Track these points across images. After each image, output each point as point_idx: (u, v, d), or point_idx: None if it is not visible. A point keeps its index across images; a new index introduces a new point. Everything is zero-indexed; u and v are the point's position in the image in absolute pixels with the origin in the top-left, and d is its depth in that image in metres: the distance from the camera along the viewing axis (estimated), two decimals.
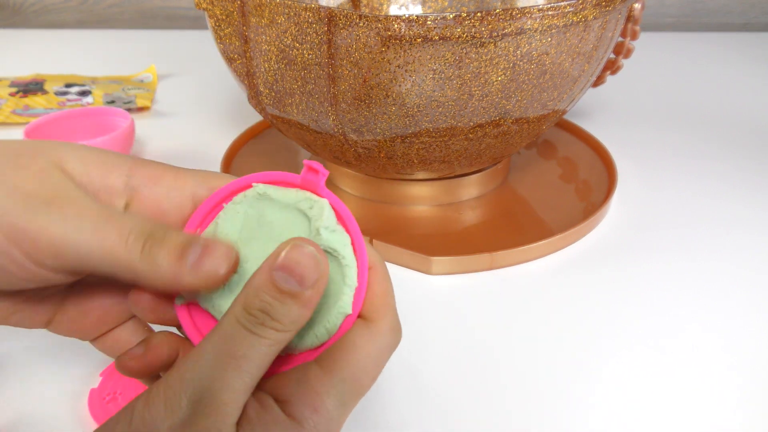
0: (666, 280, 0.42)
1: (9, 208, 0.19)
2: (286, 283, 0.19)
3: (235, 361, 0.19)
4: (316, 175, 0.22)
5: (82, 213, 0.20)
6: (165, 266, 0.20)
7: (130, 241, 0.20)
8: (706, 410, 0.32)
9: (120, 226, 0.20)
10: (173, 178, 0.23)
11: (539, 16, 0.36)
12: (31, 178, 0.20)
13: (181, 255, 0.20)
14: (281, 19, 0.38)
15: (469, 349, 0.36)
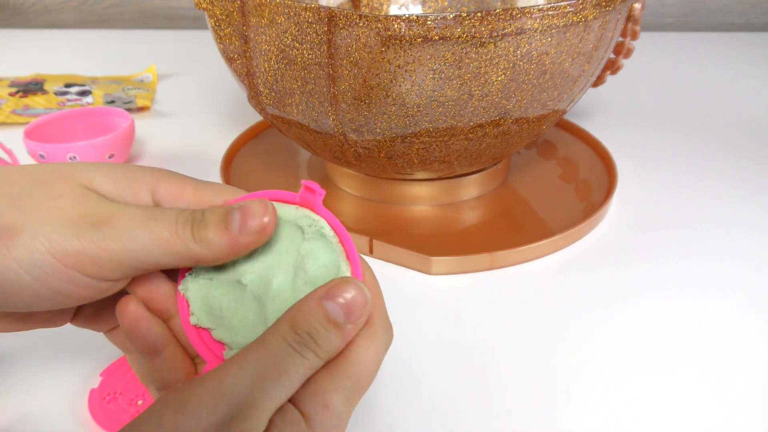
0: (666, 280, 0.42)
1: (59, 238, 0.20)
2: (335, 313, 0.21)
3: (278, 374, 0.20)
4: (313, 194, 0.23)
5: (130, 222, 0.21)
6: (218, 240, 0.21)
7: (180, 232, 0.21)
8: (707, 410, 0.32)
9: (166, 222, 0.21)
10: (193, 192, 0.24)
11: (539, 16, 0.36)
12: (70, 205, 0.21)
13: (226, 225, 0.21)
14: (281, 19, 0.38)
15: (469, 349, 0.36)
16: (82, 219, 0.21)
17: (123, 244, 0.21)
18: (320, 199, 0.23)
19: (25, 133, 0.52)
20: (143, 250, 0.21)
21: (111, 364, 0.34)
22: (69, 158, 0.50)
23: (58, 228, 0.20)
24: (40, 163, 0.25)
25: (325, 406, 0.21)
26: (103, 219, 0.21)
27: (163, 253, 0.21)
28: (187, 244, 0.21)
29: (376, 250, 0.44)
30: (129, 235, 0.21)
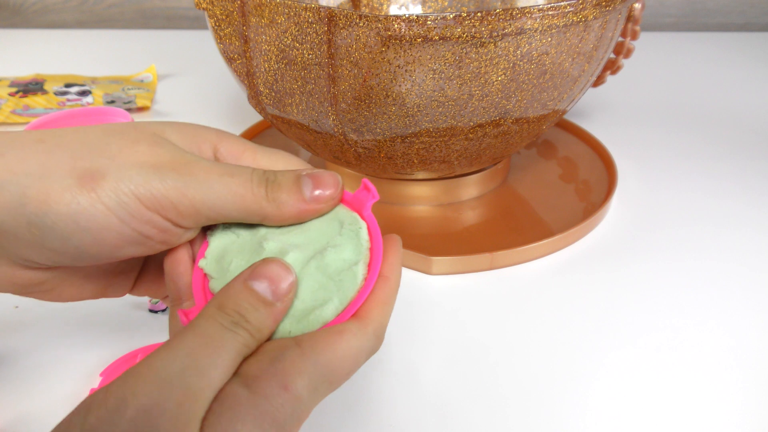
0: (666, 280, 0.42)
1: (143, 181, 0.21)
2: (262, 291, 0.21)
3: (210, 350, 0.20)
4: (368, 194, 0.24)
5: (208, 174, 0.22)
6: (290, 202, 0.23)
7: (255, 189, 0.23)
8: (707, 410, 0.32)
9: (243, 178, 0.23)
10: (252, 157, 0.25)
11: (539, 16, 0.36)
12: (149, 151, 0.22)
13: (299, 190, 0.23)
14: (281, 18, 0.38)
15: (469, 349, 0.36)
16: (163, 165, 0.22)
17: (202, 193, 0.22)
18: (371, 202, 0.24)
19: None
20: (219, 201, 0.22)
21: (111, 364, 0.34)
22: None
23: (141, 171, 0.21)
24: None
25: (284, 387, 0.20)
26: (182, 167, 0.22)
27: (236, 208, 0.22)
28: (260, 201, 0.22)
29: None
30: (208, 186, 0.22)
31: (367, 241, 0.24)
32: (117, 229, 0.21)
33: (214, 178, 0.22)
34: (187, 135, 0.24)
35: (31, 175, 0.21)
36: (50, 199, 0.21)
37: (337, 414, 0.32)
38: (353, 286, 0.23)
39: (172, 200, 0.22)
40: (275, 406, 0.20)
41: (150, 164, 0.22)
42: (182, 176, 0.22)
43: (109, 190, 0.21)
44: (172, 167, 0.22)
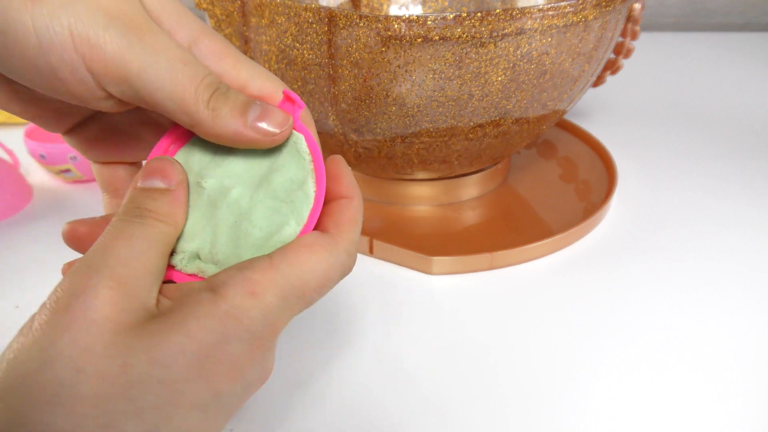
0: (666, 280, 0.42)
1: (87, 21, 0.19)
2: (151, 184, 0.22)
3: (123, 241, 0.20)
4: (293, 105, 0.23)
5: (161, 48, 0.20)
6: (228, 119, 0.21)
7: (200, 89, 0.21)
8: (707, 410, 0.32)
9: (194, 72, 0.20)
10: (233, 63, 0.23)
11: (539, 16, 0.36)
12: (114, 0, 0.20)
13: (243, 112, 0.21)
14: (281, 19, 0.38)
15: (469, 349, 0.36)
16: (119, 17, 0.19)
17: (142, 63, 0.20)
18: (299, 112, 0.23)
19: (25, 133, 0.52)
20: (156, 83, 0.20)
21: None
22: (69, 158, 0.50)
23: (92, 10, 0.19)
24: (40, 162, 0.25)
25: (252, 293, 0.20)
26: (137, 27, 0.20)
27: (171, 99, 0.20)
28: (199, 103, 0.21)
29: (376, 250, 0.44)
30: (152, 59, 0.20)
31: (308, 154, 0.23)
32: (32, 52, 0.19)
33: (164, 56, 0.20)
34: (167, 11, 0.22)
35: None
36: None
37: (337, 414, 0.32)
38: (307, 205, 0.22)
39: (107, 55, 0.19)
40: (240, 310, 0.19)
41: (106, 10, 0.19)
42: (130, 38, 0.19)
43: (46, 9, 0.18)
44: (127, 24, 0.19)
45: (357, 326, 0.38)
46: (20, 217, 0.49)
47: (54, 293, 0.19)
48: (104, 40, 0.19)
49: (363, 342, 0.37)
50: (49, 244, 0.46)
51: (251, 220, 0.22)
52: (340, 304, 0.40)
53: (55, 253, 0.45)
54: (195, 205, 0.23)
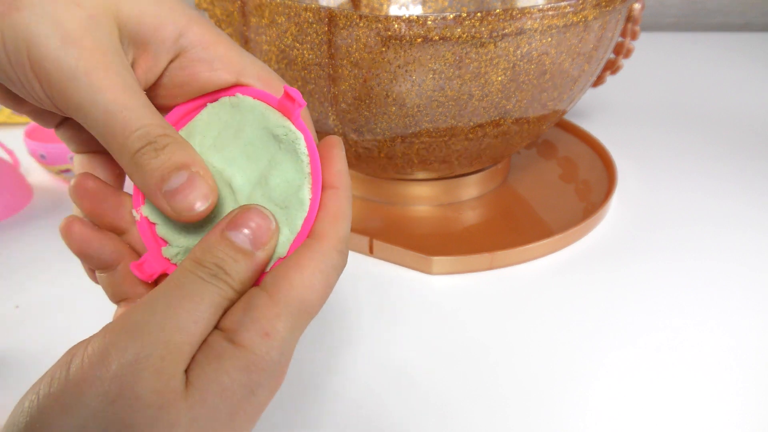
0: (666, 280, 0.42)
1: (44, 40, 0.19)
2: (241, 242, 0.20)
3: (190, 302, 0.19)
4: (293, 103, 0.22)
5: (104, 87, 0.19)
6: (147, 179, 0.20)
7: (131, 138, 0.20)
8: (707, 410, 0.32)
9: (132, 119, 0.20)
10: (224, 51, 0.22)
11: (539, 17, 0.36)
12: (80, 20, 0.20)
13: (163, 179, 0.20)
14: (281, 19, 0.38)
15: (469, 349, 0.36)
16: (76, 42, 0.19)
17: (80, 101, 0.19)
18: (299, 110, 0.22)
19: (26, 133, 0.52)
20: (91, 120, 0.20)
21: None
22: (69, 158, 0.50)
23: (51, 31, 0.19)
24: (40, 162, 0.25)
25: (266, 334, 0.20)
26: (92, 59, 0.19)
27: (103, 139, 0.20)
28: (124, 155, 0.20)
29: (376, 250, 0.44)
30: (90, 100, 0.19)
31: (307, 156, 0.22)
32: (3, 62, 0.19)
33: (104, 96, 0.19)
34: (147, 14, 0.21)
35: None
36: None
37: (337, 414, 0.32)
38: (301, 213, 0.22)
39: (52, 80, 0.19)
40: (260, 355, 0.19)
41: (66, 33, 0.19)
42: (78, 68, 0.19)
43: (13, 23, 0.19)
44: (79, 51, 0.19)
45: (357, 326, 0.38)
46: (20, 217, 0.49)
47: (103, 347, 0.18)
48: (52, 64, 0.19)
49: (363, 342, 0.37)
50: (49, 244, 0.46)
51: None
52: (341, 304, 0.40)
53: (55, 253, 0.45)
54: None
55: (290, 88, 0.22)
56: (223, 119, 0.23)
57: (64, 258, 0.44)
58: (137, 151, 0.20)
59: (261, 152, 0.22)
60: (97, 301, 0.40)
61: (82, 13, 0.20)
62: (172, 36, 0.22)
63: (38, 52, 0.19)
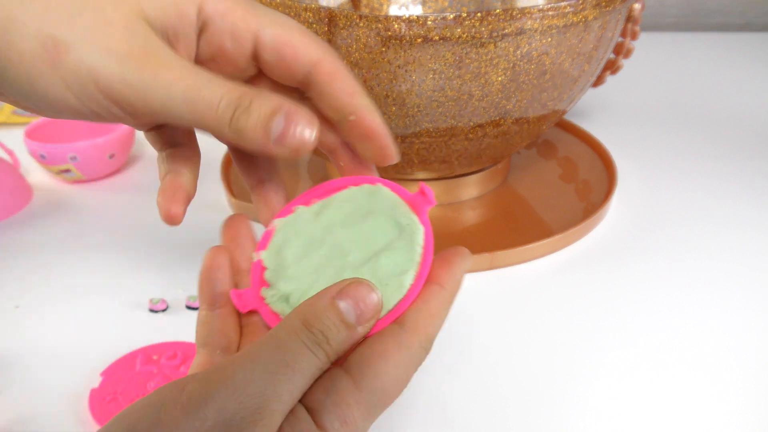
0: (666, 280, 0.42)
1: (104, 70, 0.20)
2: (347, 313, 0.20)
3: (290, 372, 0.19)
4: (425, 198, 0.24)
5: (174, 79, 0.20)
6: (251, 138, 0.21)
7: (219, 110, 0.21)
8: (707, 410, 0.32)
9: (210, 95, 0.20)
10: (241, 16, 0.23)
11: (539, 17, 0.36)
12: (120, 35, 0.20)
13: (266, 128, 0.21)
14: None
15: (469, 349, 0.36)
16: (130, 56, 0.20)
17: (161, 101, 0.20)
18: (428, 207, 0.24)
19: (26, 133, 0.52)
20: (178, 113, 0.21)
21: (111, 364, 0.34)
22: (69, 158, 0.50)
23: (106, 59, 0.20)
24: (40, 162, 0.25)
25: (344, 421, 0.20)
26: (149, 63, 0.20)
27: (196, 122, 0.21)
28: (222, 127, 0.21)
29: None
30: (169, 94, 0.20)
31: (421, 247, 0.23)
32: (73, 104, 0.21)
33: (179, 89, 0.20)
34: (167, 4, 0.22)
35: None
36: (11, 57, 0.19)
37: None
38: (397, 295, 0.22)
39: (129, 98, 0.20)
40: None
41: (117, 52, 0.20)
42: (144, 76, 0.20)
43: (69, 67, 0.20)
44: (138, 63, 0.20)
45: None
46: (20, 217, 0.49)
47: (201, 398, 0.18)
48: (124, 87, 0.20)
49: None
50: (49, 244, 0.46)
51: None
52: None
53: (55, 253, 0.45)
54: (311, 253, 0.24)
55: (426, 187, 0.23)
56: (359, 201, 0.25)
57: (64, 258, 0.44)
58: (230, 119, 0.21)
59: (381, 235, 0.24)
60: (97, 302, 0.40)
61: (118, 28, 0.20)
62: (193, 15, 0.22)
63: (104, 81, 0.20)
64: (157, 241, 0.45)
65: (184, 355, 0.35)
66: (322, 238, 0.24)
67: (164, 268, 0.43)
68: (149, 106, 0.21)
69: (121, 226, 0.47)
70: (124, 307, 0.39)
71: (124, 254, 0.44)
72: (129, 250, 0.44)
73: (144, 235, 0.46)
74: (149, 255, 0.44)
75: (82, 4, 0.20)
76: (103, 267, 0.43)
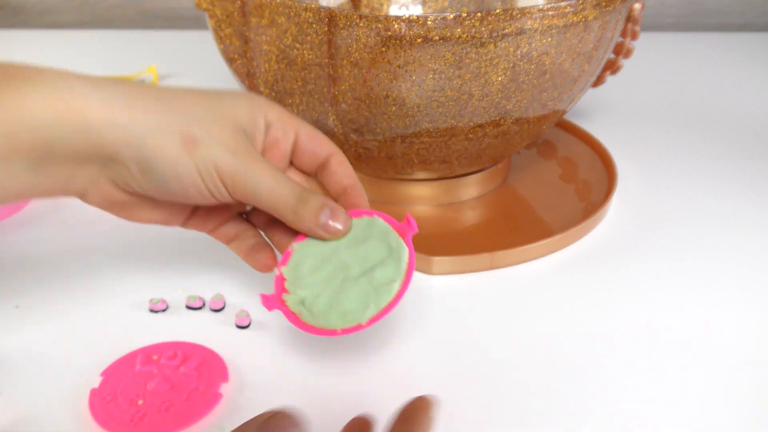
0: (666, 280, 0.42)
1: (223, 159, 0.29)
2: None
3: None
4: (410, 227, 0.32)
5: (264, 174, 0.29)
6: (305, 222, 0.31)
7: (289, 200, 0.30)
8: (707, 410, 0.32)
9: (285, 189, 0.30)
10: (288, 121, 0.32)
11: (539, 17, 0.36)
12: (230, 136, 0.29)
13: (317, 215, 0.31)
14: (281, 19, 0.38)
15: (469, 349, 0.36)
16: (237, 152, 0.29)
17: (254, 186, 0.29)
18: (412, 233, 0.32)
19: None
20: (262, 196, 0.30)
21: (111, 364, 0.34)
22: None
23: (223, 151, 0.29)
24: None
25: None
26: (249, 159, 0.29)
27: (271, 207, 0.30)
28: (287, 210, 0.30)
29: None
30: (261, 183, 0.29)
31: (406, 263, 0.31)
32: (197, 183, 0.29)
33: (268, 182, 0.29)
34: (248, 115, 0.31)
35: (152, 128, 0.27)
36: (162, 150, 0.27)
37: (336, 414, 0.32)
38: (387, 298, 0.30)
39: (234, 180, 0.29)
40: None
41: (230, 148, 0.29)
42: (247, 167, 0.29)
43: (201, 156, 0.28)
44: (243, 157, 0.29)
45: None
46: (20, 217, 0.49)
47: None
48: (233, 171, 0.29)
49: (363, 342, 0.37)
50: (49, 244, 0.46)
51: (348, 295, 0.30)
52: None
53: (55, 253, 0.45)
54: (321, 268, 0.31)
55: (411, 218, 0.32)
56: (359, 229, 0.32)
57: (64, 258, 0.44)
58: (294, 207, 0.30)
59: (376, 254, 0.31)
60: (96, 302, 0.40)
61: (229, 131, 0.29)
62: (262, 122, 0.31)
63: (223, 168, 0.29)
64: (157, 241, 0.45)
65: (184, 355, 0.35)
66: (330, 257, 0.31)
67: (164, 268, 0.43)
68: (245, 188, 0.29)
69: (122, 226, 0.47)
70: (124, 307, 0.39)
71: (124, 254, 0.44)
72: (129, 250, 0.45)
73: (144, 235, 0.46)
74: (149, 255, 0.44)
75: (204, 113, 0.29)
76: (103, 267, 0.43)
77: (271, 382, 0.34)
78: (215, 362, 0.34)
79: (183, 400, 0.32)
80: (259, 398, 0.33)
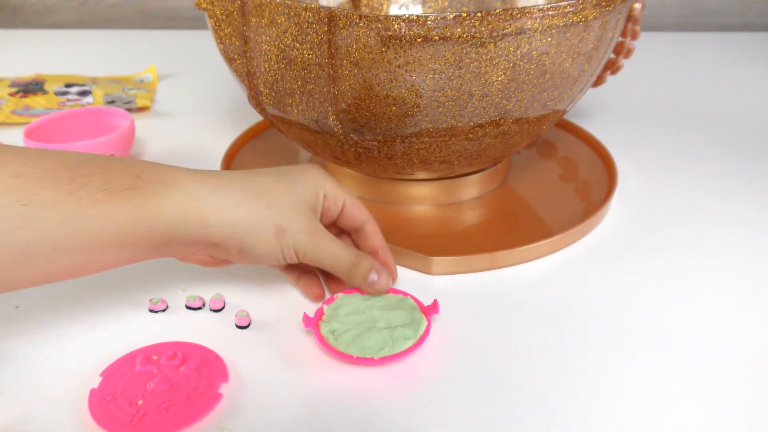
0: (666, 280, 0.42)
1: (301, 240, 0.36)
2: None
3: None
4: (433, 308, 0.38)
5: (329, 246, 0.36)
6: (357, 281, 0.38)
7: (345, 264, 0.37)
8: (707, 410, 0.32)
9: (344, 256, 0.37)
10: (339, 192, 0.38)
11: (539, 16, 0.36)
12: (306, 221, 0.36)
13: (365, 278, 0.38)
14: (281, 19, 0.38)
15: (469, 350, 0.36)
16: (310, 232, 0.36)
17: (320, 255, 0.36)
18: (433, 314, 0.38)
19: (25, 133, 0.52)
20: (325, 263, 0.37)
21: (111, 364, 0.34)
22: None
23: (303, 235, 0.35)
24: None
25: None
26: (319, 236, 0.36)
27: (332, 269, 0.37)
28: (342, 272, 0.37)
29: None
30: (325, 253, 0.36)
31: (422, 331, 0.36)
32: (278, 257, 0.36)
33: (328, 251, 0.36)
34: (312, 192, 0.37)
35: (252, 224, 0.34)
36: (259, 241, 0.35)
37: (336, 415, 0.32)
38: (401, 348, 0.35)
39: (306, 253, 0.36)
40: None
41: (307, 231, 0.36)
42: (317, 244, 0.36)
43: (286, 241, 0.35)
44: (316, 237, 0.36)
45: None
46: None
47: None
48: (306, 247, 0.36)
49: None
50: None
51: (371, 338, 0.35)
52: None
53: None
54: (357, 315, 0.37)
55: (436, 303, 0.38)
56: (393, 301, 0.39)
57: None
58: (348, 270, 0.37)
59: (400, 319, 0.37)
60: (96, 302, 0.40)
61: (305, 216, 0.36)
62: (321, 196, 0.38)
63: (300, 247, 0.36)
64: None
65: (184, 355, 0.35)
66: (364, 311, 0.38)
67: (164, 268, 0.43)
68: (313, 257, 0.36)
69: None
70: (124, 307, 0.39)
71: None
72: None
73: None
74: None
75: (290, 205, 0.35)
76: None
77: (271, 382, 0.34)
78: (215, 362, 0.34)
79: (183, 400, 0.32)
80: (259, 398, 0.33)
